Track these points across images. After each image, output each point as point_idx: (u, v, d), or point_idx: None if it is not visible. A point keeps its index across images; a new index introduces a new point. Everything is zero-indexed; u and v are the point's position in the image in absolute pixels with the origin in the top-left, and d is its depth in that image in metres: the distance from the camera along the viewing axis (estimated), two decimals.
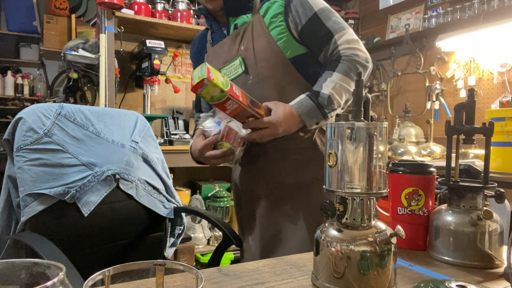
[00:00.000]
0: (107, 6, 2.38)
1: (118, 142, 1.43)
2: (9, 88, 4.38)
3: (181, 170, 3.01)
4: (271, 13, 1.11)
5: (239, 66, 1.14)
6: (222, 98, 0.91)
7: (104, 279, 0.43)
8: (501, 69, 2.43)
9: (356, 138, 0.60)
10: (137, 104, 2.94)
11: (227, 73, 1.17)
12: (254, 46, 1.11)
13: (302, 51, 1.10)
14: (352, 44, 1.07)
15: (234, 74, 1.15)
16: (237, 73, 1.14)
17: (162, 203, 1.46)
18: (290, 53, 1.09)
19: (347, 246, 0.59)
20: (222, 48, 1.19)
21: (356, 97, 0.63)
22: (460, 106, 0.78)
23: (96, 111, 1.44)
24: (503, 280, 0.66)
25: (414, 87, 3.02)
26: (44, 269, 0.38)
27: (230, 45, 1.16)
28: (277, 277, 0.66)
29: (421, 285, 0.52)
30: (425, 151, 2.52)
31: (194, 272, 0.45)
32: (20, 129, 1.21)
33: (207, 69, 0.89)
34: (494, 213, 0.72)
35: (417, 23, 2.99)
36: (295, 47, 1.10)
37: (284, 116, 1.00)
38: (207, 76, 0.87)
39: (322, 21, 1.08)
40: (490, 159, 0.78)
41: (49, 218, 1.17)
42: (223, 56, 1.18)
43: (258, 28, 1.11)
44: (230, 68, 1.16)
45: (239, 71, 1.14)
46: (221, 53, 1.19)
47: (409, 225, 0.80)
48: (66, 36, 4.10)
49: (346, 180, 0.61)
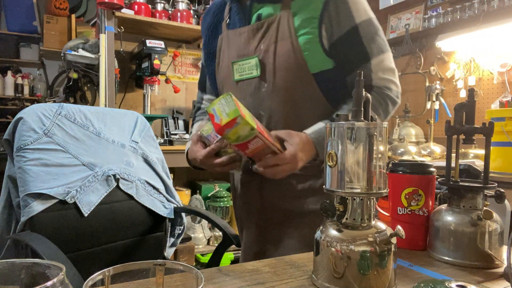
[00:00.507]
0: (107, 6, 2.38)
1: (118, 142, 1.43)
2: (9, 88, 4.38)
3: (181, 170, 3.01)
4: (304, 15, 0.95)
5: (254, 68, 1.00)
6: (250, 137, 0.78)
7: (104, 279, 0.43)
8: (501, 69, 2.43)
9: (356, 138, 0.60)
10: (137, 104, 2.94)
11: (239, 70, 1.03)
12: (276, 50, 0.96)
13: (329, 66, 0.96)
14: (387, 75, 0.97)
15: (247, 75, 1.01)
16: (251, 75, 1.01)
17: (162, 203, 1.46)
18: (315, 67, 0.95)
19: (347, 246, 0.59)
20: (239, 37, 1.03)
21: (356, 97, 0.63)
22: (460, 106, 0.78)
23: (96, 111, 1.44)
24: (503, 280, 0.66)
25: (414, 87, 3.02)
26: (44, 269, 0.38)
27: (249, 38, 1.01)
28: (277, 277, 0.66)
29: (421, 285, 0.52)
30: (425, 151, 2.52)
31: (194, 272, 0.45)
32: (20, 129, 1.21)
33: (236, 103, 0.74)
34: (494, 213, 0.72)
35: (417, 23, 2.99)
36: (322, 61, 0.96)
37: (302, 148, 0.87)
38: (241, 113, 0.73)
39: (361, 38, 0.94)
40: (490, 159, 0.78)
41: (49, 218, 1.17)
42: (239, 48, 1.03)
43: (285, 28, 0.96)
44: (244, 66, 1.02)
45: (254, 73, 1.00)
46: (237, 43, 1.04)
47: (409, 225, 0.80)
48: (66, 36, 4.10)
49: (346, 180, 0.61)
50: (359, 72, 0.64)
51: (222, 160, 0.93)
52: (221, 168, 0.95)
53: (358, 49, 0.95)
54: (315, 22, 0.94)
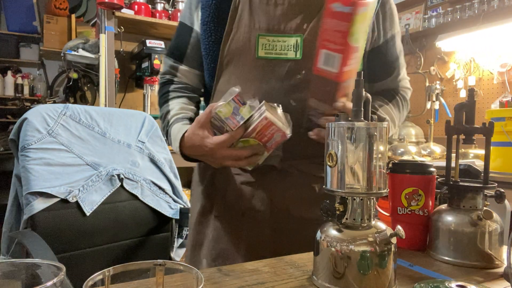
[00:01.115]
0: (107, 6, 2.38)
1: (124, 142, 1.44)
2: (9, 88, 4.37)
3: (181, 170, 3.00)
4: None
5: (293, 49, 0.84)
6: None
7: (104, 279, 0.43)
8: (501, 69, 2.43)
9: (356, 138, 0.60)
10: (137, 104, 2.94)
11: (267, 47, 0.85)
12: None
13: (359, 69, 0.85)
14: (407, 82, 0.99)
15: (278, 55, 0.85)
16: (285, 56, 0.84)
17: (168, 204, 1.46)
18: None
19: (347, 246, 0.59)
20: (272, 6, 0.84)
21: (356, 97, 0.63)
22: (460, 106, 0.78)
23: (103, 112, 1.45)
24: (503, 280, 0.66)
25: (414, 87, 3.01)
26: (44, 269, 0.38)
27: (288, 10, 0.84)
28: (277, 277, 0.66)
29: (421, 285, 0.52)
30: (425, 151, 2.52)
31: (194, 272, 0.45)
32: (24, 129, 1.23)
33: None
34: (494, 213, 0.72)
35: (417, 23, 2.99)
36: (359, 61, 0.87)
37: None
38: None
39: (396, 48, 0.93)
40: (490, 159, 0.78)
41: (51, 217, 1.17)
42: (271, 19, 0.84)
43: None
44: (276, 43, 0.84)
45: (290, 55, 0.84)
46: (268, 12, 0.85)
47: (409, 225, 0.80)
48: (66, 36, 4.10)
49: (346, 180, 0.61)
50: (359, 72, 0.64)
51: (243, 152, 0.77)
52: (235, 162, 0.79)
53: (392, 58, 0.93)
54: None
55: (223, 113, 0.77)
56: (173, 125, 0.89)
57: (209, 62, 0.92)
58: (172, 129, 0.89)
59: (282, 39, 0.84)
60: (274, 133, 0.76)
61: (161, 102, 0.98)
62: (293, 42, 0.83)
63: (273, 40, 0.84)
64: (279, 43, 0.84)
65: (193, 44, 0.95)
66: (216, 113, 0.77)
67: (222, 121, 0.77)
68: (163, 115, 0.95)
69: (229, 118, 0.76)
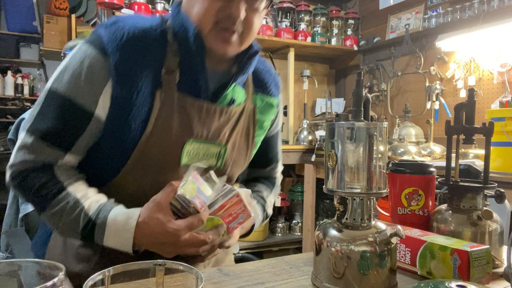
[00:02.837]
0: (107, 6, 2.38)
1: None
2: (9, 88, 4.37)
3: None
4: (266, 116, 0.94)
5: (216, 157, 0.84)
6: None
7: (104, 279, 0.43)
8: (501, 69, 2.43)
9: (356, 138, 0.60)
10: None
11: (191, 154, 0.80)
12: (237, 146, 0.88)
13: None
14: (280, 174, 1.12)
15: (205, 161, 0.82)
16: (209, 164, 0.83)
17: None
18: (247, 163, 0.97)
19: (347, 246, 0.59)
20: (199, 112, 0.79)
21: (356, 97, 0.63)
22: (460, 106, 0.78)
23: None
24: (503, 280, 0.66)
25: (414, 87, 3.02)
26: (44, 269, 0.38)
27: (214, 120, 0.81)
28: (277, 277, 0.66)
29: (421, 285, 0.52)
30: (425, 151, 2.52)
31: (194, 272, 0.45)
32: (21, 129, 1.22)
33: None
34: (494, 213, 0.72)
35: (417, 23, 2.99)
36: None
37: None
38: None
39: (277, 144, 1.05)
40: (490, 159, 0.78)
41: None
42: (199, 125, 0.79)
43: (247, 125, 0.89)
44: (199, 150, 0.81)
45: (213, 163, 0.84)
46: (195, 119, 0.79)
47: (409, 225, 0.80)
48: (66, 36, 4.10)
49: (346, 180, 0.61)
50: (359, 72, 0.64)
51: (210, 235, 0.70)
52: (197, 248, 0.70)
53: (273, 153, 1.05)
54: (268, 125, 0.97)
55: (188, 192, 0.68)
56: (105, 213, 0.70)
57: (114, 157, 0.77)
58: (110, 218, 0.70)
59: (211, 147, 0.82)
60: (240, 213, 0.73)
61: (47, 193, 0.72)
62: (216, 150, 0.83)
63: (199, 147, 0.80)
64: (202, 150, 0.81)
65: (90, 133, 0.76)
66: (182, 192, 0.68)
67: (187, 202, 0.69)
68: (69, 208, 0.71)
69: (195, 197, 0.69)
